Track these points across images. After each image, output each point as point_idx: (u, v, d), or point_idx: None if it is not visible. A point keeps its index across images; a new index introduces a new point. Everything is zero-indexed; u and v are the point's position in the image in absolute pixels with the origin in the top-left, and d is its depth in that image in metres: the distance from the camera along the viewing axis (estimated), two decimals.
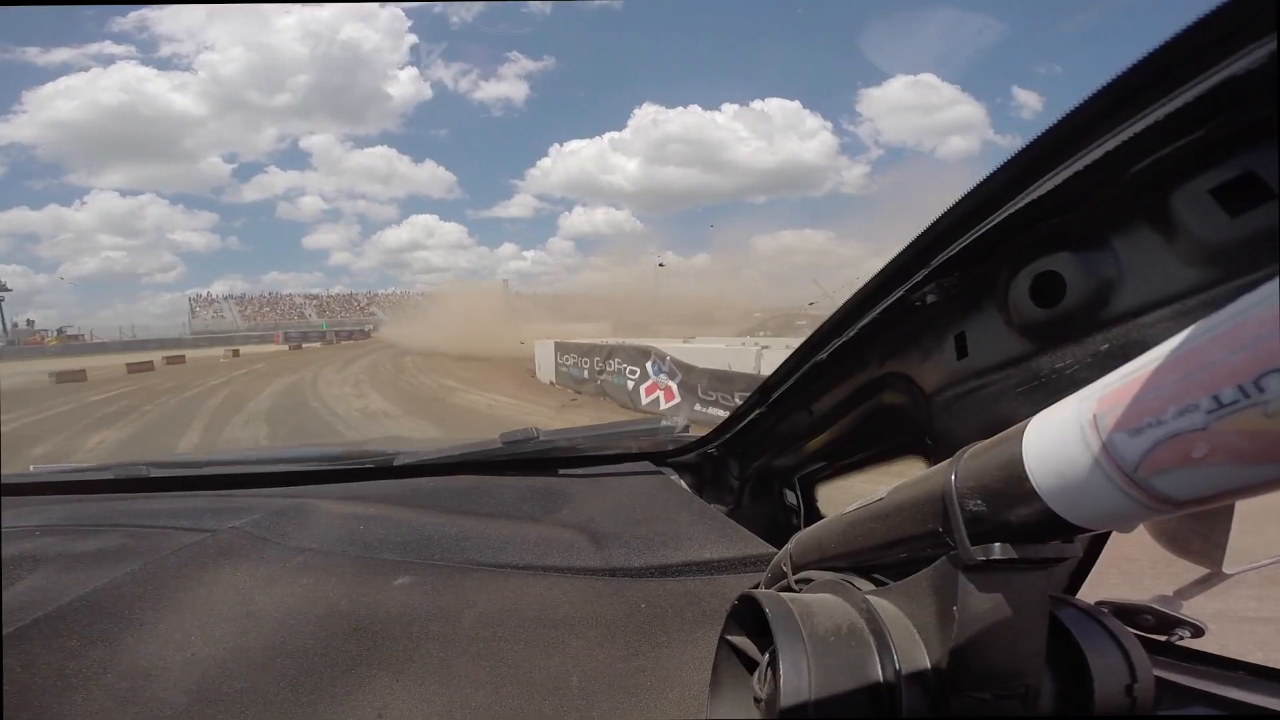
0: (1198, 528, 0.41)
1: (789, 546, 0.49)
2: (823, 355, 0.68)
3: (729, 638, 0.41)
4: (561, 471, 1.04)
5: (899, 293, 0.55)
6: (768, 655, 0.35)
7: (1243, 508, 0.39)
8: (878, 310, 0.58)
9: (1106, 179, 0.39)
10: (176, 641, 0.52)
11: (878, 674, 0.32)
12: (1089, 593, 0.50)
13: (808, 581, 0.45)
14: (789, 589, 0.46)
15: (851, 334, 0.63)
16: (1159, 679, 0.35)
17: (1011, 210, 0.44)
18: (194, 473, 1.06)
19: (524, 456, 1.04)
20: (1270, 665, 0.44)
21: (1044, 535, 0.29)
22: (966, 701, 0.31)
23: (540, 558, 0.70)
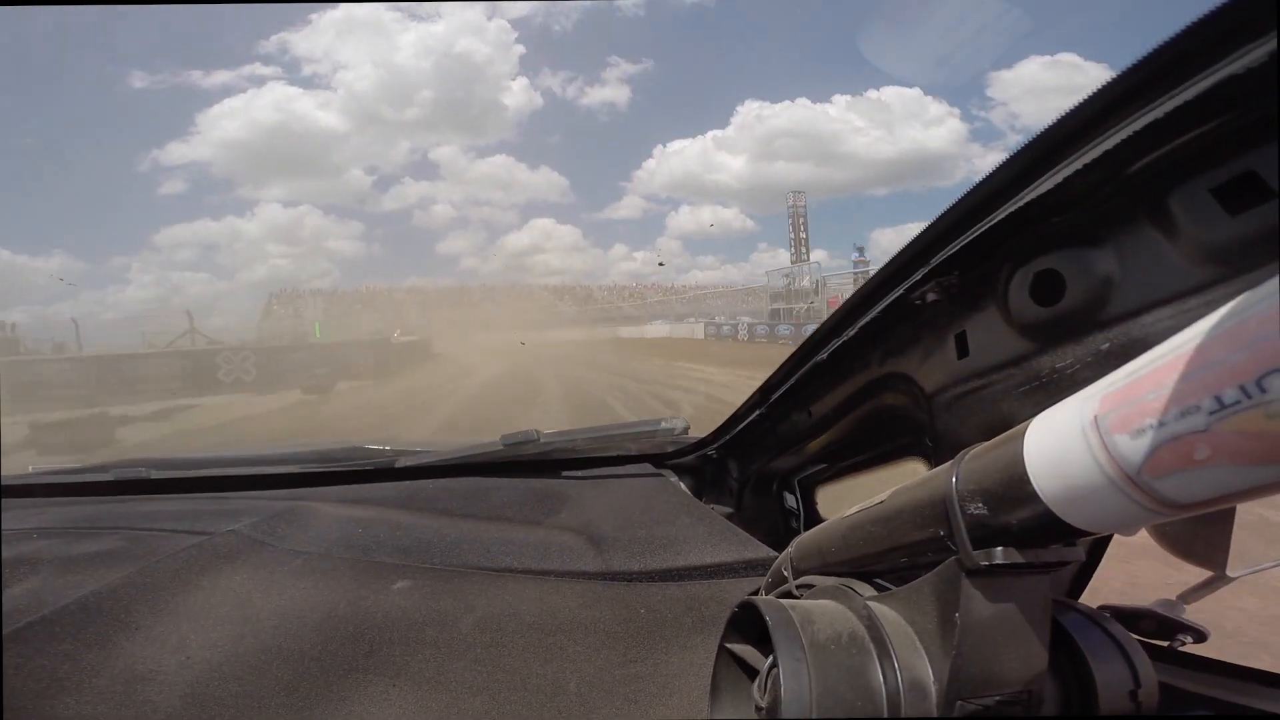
0: (1200, 530, 0.41)
1: (789, 551, 0.49)
2: (822, 355, 0.68)
3: (729, 645, 0.41)
4: (562, 473, 1.03)
5: (899, 292, 0.55)
6: (768, 663, 0.34)
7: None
8: (878, 309, 0.58)
9: (1107, 177, 0.38)
10: (172, 645, 0.52)
11: (879, 681, 0.31)
12: (1090, 597, 0.49)
13: (809, 586, 0.44)
14: (790, 594, 0.46)
15: (851, 334, 0.62)
16: (1162, 684, 0.35)
17: (1012, 209, 0.44)
18: (193, 474, 1.06)
19: (524, 458, 1.04)
20: (1275, 670, 0.44)
21: (1046, 539, 0.29)
22: (969, 708, 0.31)
23: (539, 561, 0.69)
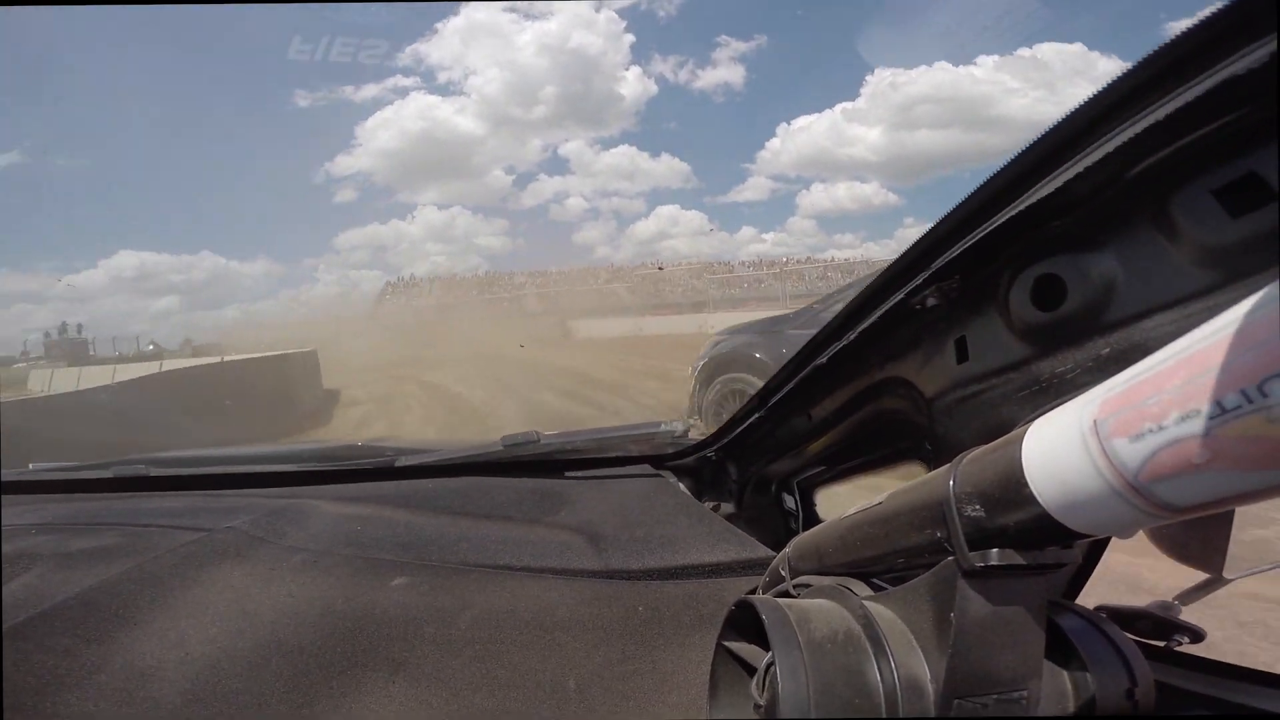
0: (1197, 533, 0.41)
1: (787, 551, 0.49)
2: (822, 359, 0.68)
3: (726, 643, 0.41)
4: (562, 474, 1.03)
5: (899, 296, 0.55)
6: (766, 661, 0.34)
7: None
8: (878, 314, 0.58)
9: (1108, 180, 0.38)
10: (171, 641, 0.52)
11: (876, 680, 0.31)
12: (1087, 598, 0.50)
13: (806, 586, 0.44)
14: (787, 594, 0.46)
15: (851, 338, 0.62)
16: (1159, 684, 0.35)
17: (1012, 213, 0.44)
18: (193, 472, 1.06)
19: (524, 459, 1.04)
20: (1271, 670, 0.44)
21: (1043, 541, 0.29)
22: (965, 708, 0.31)
23: (538, 559, 0.69)
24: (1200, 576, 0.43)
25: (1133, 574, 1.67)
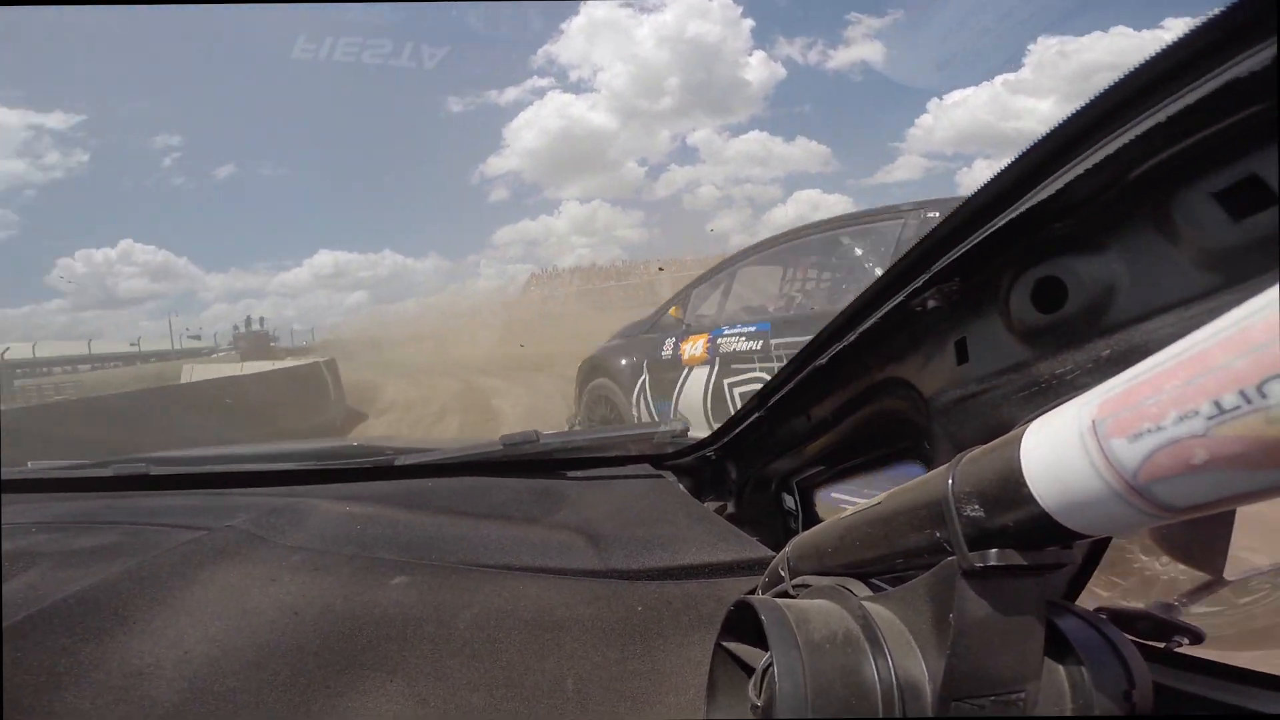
0: (1198, 534, 0.41)
1: (786, 551, 0.49)
2: (822, 360, 0.68)
3: (725, 643, 0.41)
4: (561, 473, 1.03)
5: (899, 298, 0.55)
6: (764, 661, 0.34)
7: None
8: (878, 315, 0.58)
9: (1109, 182, 0.38)
10: (170, 639, 0.52)
11: (874, 681, 0.31)
12: (1087, 599, 0.50)
13: (805, 586, 0.44)
14: (786, 594, 0.46)
15: (851, 339, 0.63)
16: (1158, 685, 0.35)
17: (1013, 215, 0.44)
18: (192, 470, 1.06)
19: (524, 458, 1.04)
20: (1269, 672, 0.44)
21: (1042, 541, 0.29)
22: (964, 708, 0.31)
23: (537, 559, 0.69)
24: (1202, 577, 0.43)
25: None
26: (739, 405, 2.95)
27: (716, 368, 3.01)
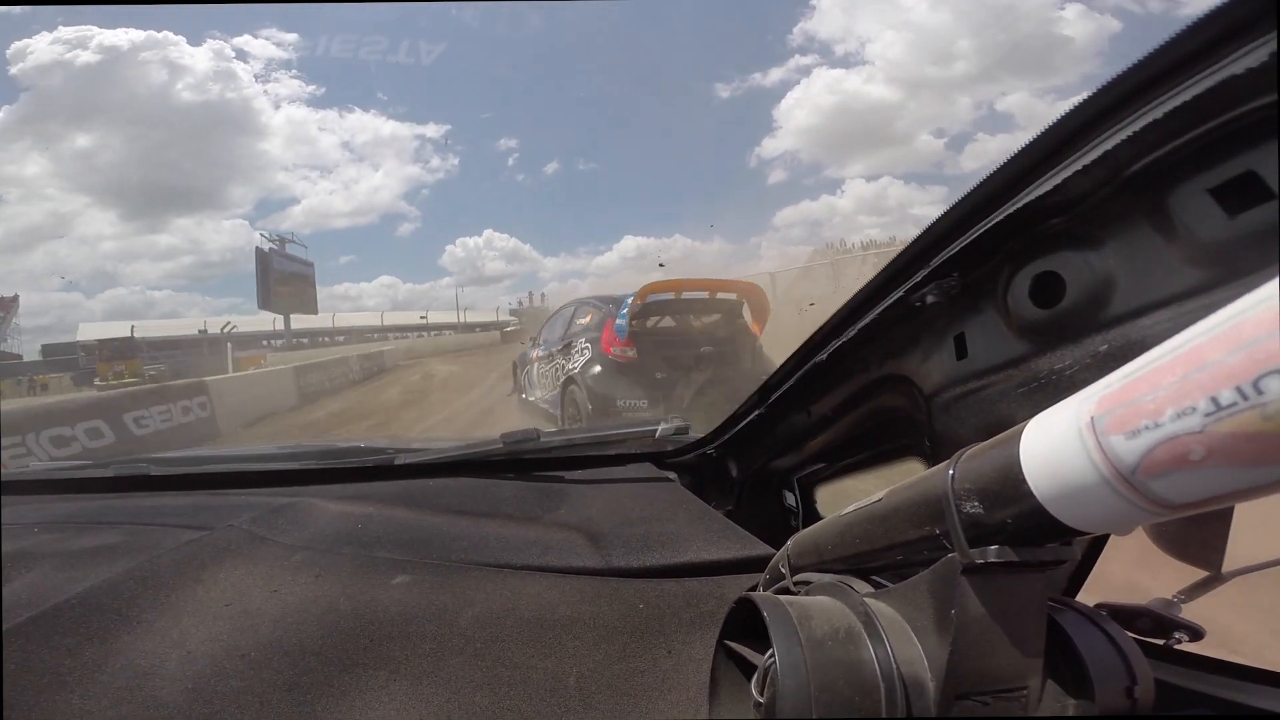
0: (1196, 530, 0.41)
1: (787, 548, 0.49)
2: (822, 356, 0.68)
3: (726, 641, 0.41)
4: (561, 472, 1.04)
5: (898, 294, 0.55)
6: (766, 658, 0.35)
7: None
8: (877, 311, 0.58)
9: (1106, 178, 0.39)
10: (173, 639, 0.52)
11: (876, 677, 0.31)
12: (1087, 595, 0.50)
13: (806, 584, 0.45)
14: (787, 591, 0.46)
15: (851, 335, 0.63)
16: (1158, 681, 0.35)
17: (1011, 210, 0.44)
18: (194, 470, 1.06)
19: (524, 457, 1.04)
20: (1269, 668, 0.44)
21: (1042, 537, 0.29)
22: (966, 705, 0.31)
23: (538, 558, 0.69)
24: (1199, 574, 0.43)
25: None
26: (537, 379, 5.73)
27: (537, 364, 5.79)
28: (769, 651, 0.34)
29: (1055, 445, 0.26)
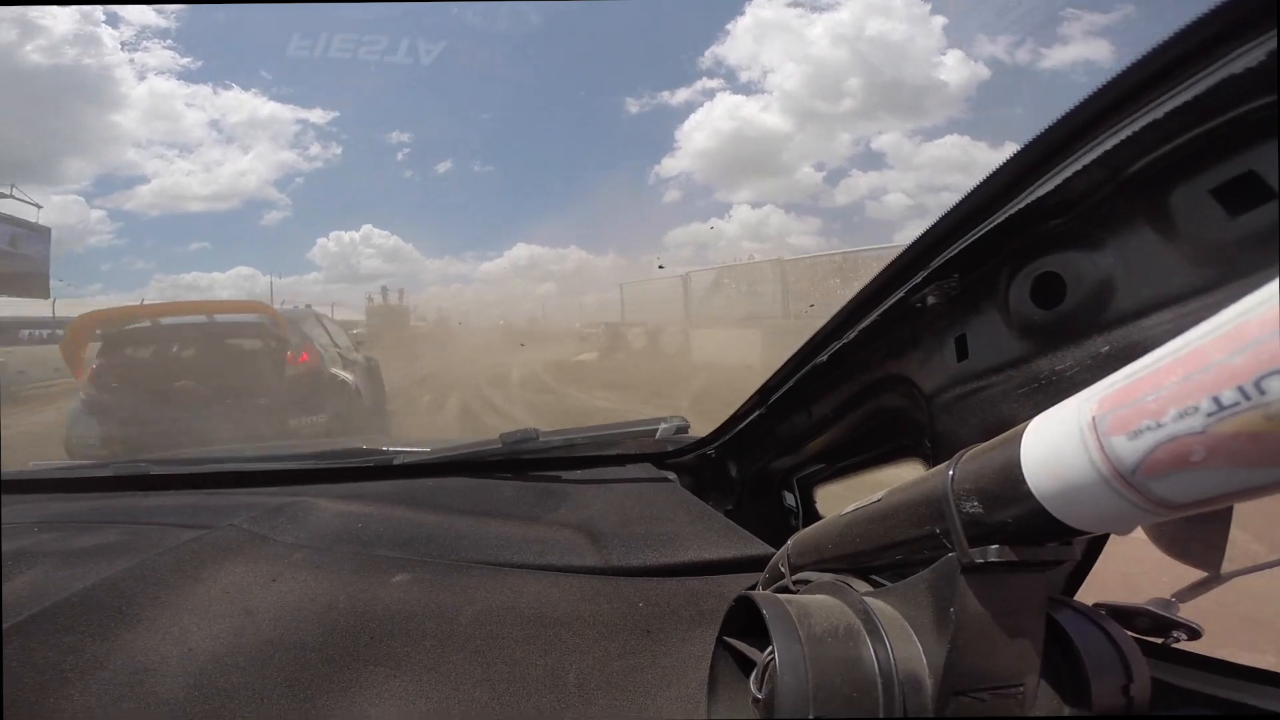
0: (1196, 530, 0.41)
1: (787, 547, 0.49)
2: (822, 357, 0.68)
3: (726, 639, 0.41)
4: (560, 472, 1.04)
5: (899, 294, 0.55)
6: (765, 656, 0.35)
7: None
8: (877, 312, 0.58)
9: (1106, 178, 0.39)
10: (174, 637, 0.52)
11: (875, 674, 0.32)
12: (1086, 594, 0.50)
13: (806, 583, 0.45)
14: (786, 590, 0.46)
15: (851, 336, 0.63)
16: (1156, 680, 0.35)
17: (1012, 211, 0.44)
18: (193, 470, 1.06)
19: (523, 456, 1.04)
20: (1266, 668, 0.44)
21: (1042, 537, 0.29)
22: (964, 702, 0.31)
23: (538, 556, 0.69)
24: (1198, 574, 0.43)
25: None
26: None
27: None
28: (768, 649, 0.34)
29: (1056, 445, 0.26)
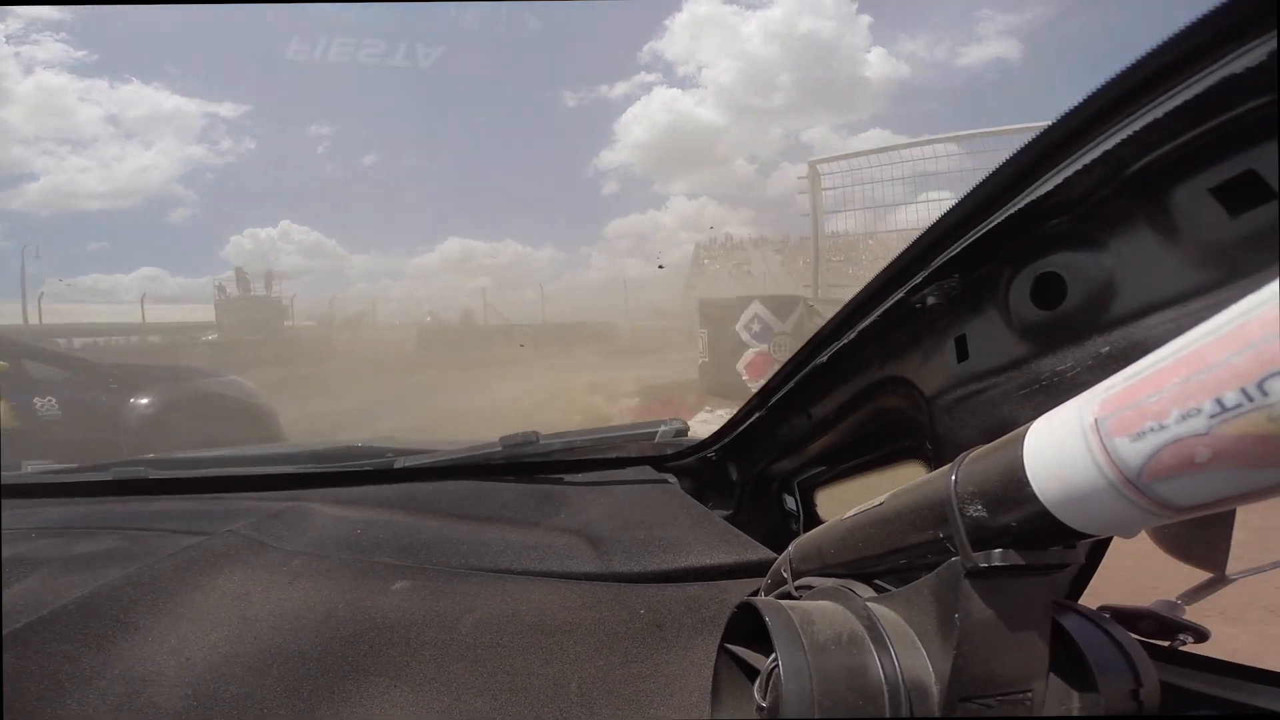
0: (1199, 532, 0.41)
1: (788, 552, 0.49)
2: (822, 359, 0.68)
3: (729, 645, 0.41)
4: (561, 475, 1.03)
5: (899, 295, 0.55)
6: (769, 663, 0.34)
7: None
8: (878, 313, 0.58)
9: (1106, 178, 0.38)
10: (172, 645, 0.52)
11: (880, 681, 0.31)
12: (1090, 598, 0.49)
13: (808, 588, 0.44)
14: (789, 595, 0.46)
15: (851, 337, 0.62)
16: (1164, 683, 0.35)
17: (1012, 211, 0.44)
18: (191, 474, 1.06)
19: (523, 460, 1.04)
20: (1274, 669, 0.44)
21: (1045, 541, 0.29)
22: (970, 708, 0.31)
23: (539, 563, 0.69)
24: (1203, 576, 0.43)
25: None
26: None
27: None
28: (771, 656, 0.33)
29: (1059, 448, 0.26)
